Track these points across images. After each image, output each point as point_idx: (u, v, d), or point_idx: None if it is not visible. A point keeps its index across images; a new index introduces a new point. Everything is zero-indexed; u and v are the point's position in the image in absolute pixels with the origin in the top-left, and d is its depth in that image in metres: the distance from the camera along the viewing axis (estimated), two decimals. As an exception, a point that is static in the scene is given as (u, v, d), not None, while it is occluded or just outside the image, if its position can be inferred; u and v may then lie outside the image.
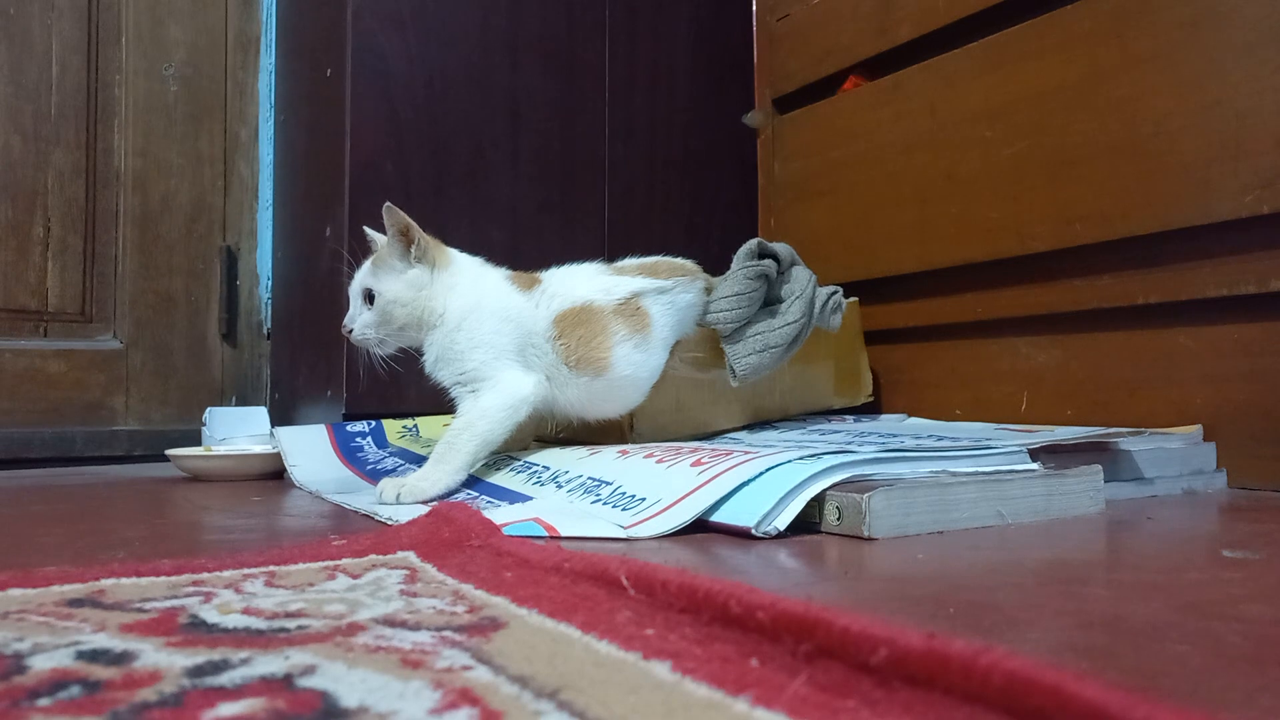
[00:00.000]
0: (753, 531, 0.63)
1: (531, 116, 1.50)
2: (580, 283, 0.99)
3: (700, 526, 0.67)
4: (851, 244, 1.40)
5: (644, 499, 0.72)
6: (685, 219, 1.65)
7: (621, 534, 0.65)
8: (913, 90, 1.31)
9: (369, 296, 0.95)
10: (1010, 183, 1.17)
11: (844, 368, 1.29)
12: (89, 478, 1.29)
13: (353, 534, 0.58)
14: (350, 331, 0.96)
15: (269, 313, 1.71)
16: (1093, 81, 1.08)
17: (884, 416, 1.31)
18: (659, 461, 0.79)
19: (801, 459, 0.70)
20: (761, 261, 1.14)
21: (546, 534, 0.66)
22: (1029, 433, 0.99)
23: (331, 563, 0.50)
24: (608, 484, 0.79)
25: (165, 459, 1.50)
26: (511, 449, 1.05)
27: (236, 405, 1.68)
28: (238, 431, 1.44)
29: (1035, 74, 1.14)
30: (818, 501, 0.66)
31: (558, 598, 0.40)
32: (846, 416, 1.26)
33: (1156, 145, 1.01)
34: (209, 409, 1.50)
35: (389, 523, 0.74)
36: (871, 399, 1.33)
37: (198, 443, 1.50)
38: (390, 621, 0.38)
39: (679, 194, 1.65)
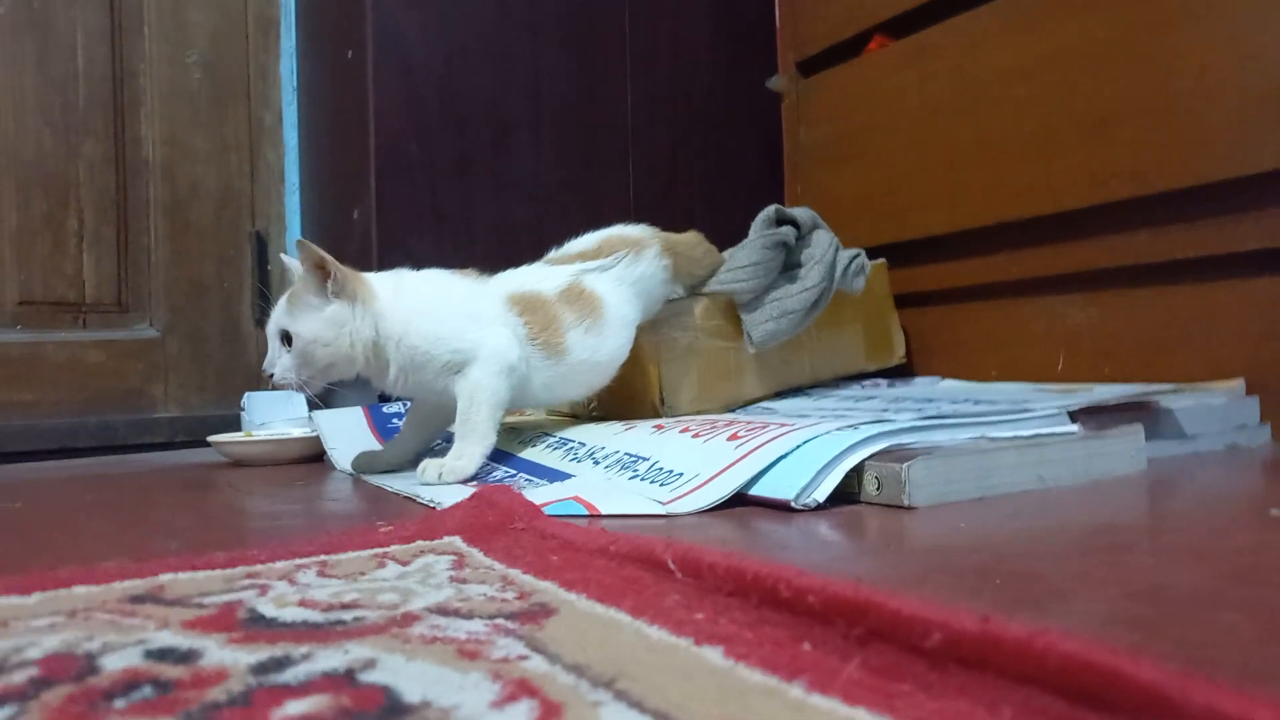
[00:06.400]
0: (792, 504, 0.63)
1: (553, 91, 1.50)
2: (523, 275, 0.99)
3: (739, 500, 0.68)
4: (880, 207, 1.39)
5: (681, 474, 0.72)
6: (710, 188, 1.64)
7: (661, 510, 0.66)
8: (939, 50, 1.28)
9: (286, 338, 0.89)
10: (1042, 142, 1.15)
11: (874, 331, 1.28)
12: (134, 466, 1.32)
13: (398, 519, 0.59)
14: (271, 376, 0.91)
15: (300, 295, 1.73)
16: (1126, 37, 1.05)
17: (918, 380, 1.30)
18: (695, 436, 0.80)
19: (839, 429, 0.70)
20: (779, 229, 1.13)
21: (587, 513, 0.67)
22: (1067, 393, 0.98)
23: (380, 550, 0.50)
24: (644, 459, 0.79)
25: (206, 444, 1.53)
26: None
27: (272, 388, 1.69)
28: (276, 415, 1.46)
29: (1065, 31, 1.11)
30: (857, 472, 0.66)
31: (605, 581, 0.41)
32: (880, 381, 1.25)
33: (1193, 101, 0.99)
34: (247, 394, 1.52)
35: (431, 504, 0.75)
36: (904, 361, 1.32)
37: (237, 427, 1.52)
38: (443, 610, 0.39)
39: (703, 163, 1.64)
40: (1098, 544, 0.52)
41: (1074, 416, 0.79)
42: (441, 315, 0.92)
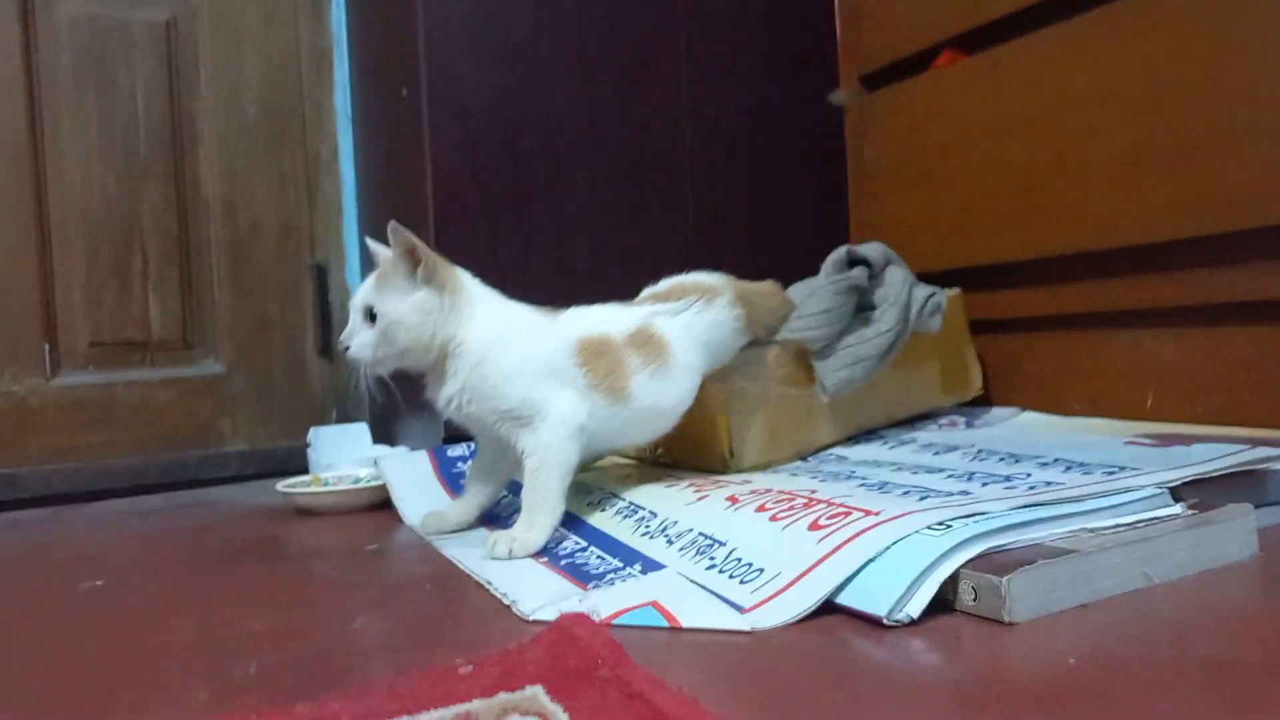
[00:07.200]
0: (884, 621, 0.60)
1: (608, 122, 1.47)
2: (595, 316, 0.97)
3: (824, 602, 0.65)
4: (952, 230, 1.33)
5: (761, 570, 0.70)
6: (772, 211, 1.60)
7: (744, 625, 0.63)
8: (1014, 68, 1.22)
9: (370, 314, 0.89)
10: (1125, 167, 1.09)
11: (950, 365, 1.24)
12: (203, 514, 1.33)
13: (477, 653, 0.57)
14: (347, 349, 0.91)
15: (361, 326, 1.73)
16: (1215, 57, 0.99)
17: (995, 410, 1.25)
18: (772, 518, 0.77)
19: (931, 528, 0.66)
20: (850, 273, 1.10)
21: (667, 624, 0.65)
22: (1162, 445, 0.93)
23: (463, 708, 0.49)
24: (721, 544, 0.77)
25: (272, 476, 1.54)
26: None
27: (338, 419, 1.71)
28: (341, 452, 1.46)
29: (1150, 50, 1.05)
30: (952, 576, 0.63)
31: (704, 785, 0.38)
32: (957, 419, 1.21)
33: (1295, 128, 0.93)
34: (312, 429, 1.53)
35: (504, 600, 0.73)
36: (981, 393, 1.27)
37: (303, 460, 1.53)
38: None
39: (765, 185, 1.60)
40: (1227, 688, 0.48)
41: (1176, 493, 0.74)
42: (524, 357, 0.91)
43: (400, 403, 0.96)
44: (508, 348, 0.90)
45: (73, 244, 1.54)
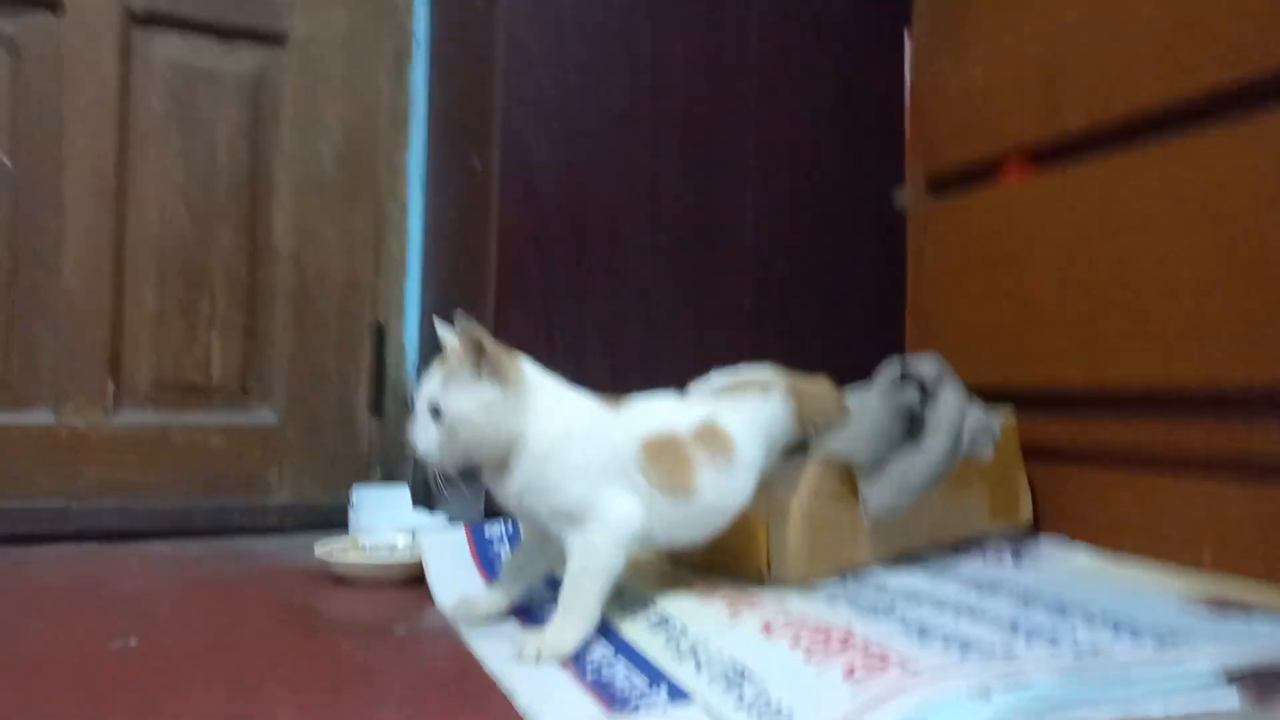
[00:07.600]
0: (913, 798, 0.58)
1: (671, 201, 1.48)
2: (661, 410, 0.97)
3: (853, 765, 0.63)
4: (1011, 348, 1.31)
5: (791, 715, 0.68)
6: (827, 303, 1.59)
7: (769, 785, 0.61)
8: (1084, 187, 1.21)
9: (436, 411, 0.88)
10: (1199, 305, 1.06)
11: (1000, 491, 1.21)
12: (242, 568, 1.34)
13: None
14: (414, 447, 0.90)
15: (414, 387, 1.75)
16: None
17: (1044, 542, 1.22)
18: (807, 655, 0.75)
19: (969, 695, 0.64)
20: (903, 395, 1.08)
21: (689, 771, 0.63)
22: (1218, 613, 0.90)
23: None
24: (750, 679, 0.75)
25: (314, 529, 1.56)
26: None
27: (382, 477, 1.72)
28: (382, 515, 1.47)
29: (1239, 184, 1.02)
30: (985, 752, 0.61)
31: None
32: (1005, 553, 1.17)
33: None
34: (355, 488, 1.54)
35: (526, 717, 0.72)
36: (1029, 523, 1.24)
37: (344, 517, 1.54)
38: None
39: (822, 278, 1.59)
40: None
41: (1233, 676, 0.71)
42: (588, 456, 0.90)
43: (465, 493, 0.96)
44: (572, 445, 0.90)
45: (145, 281, 1.59)
